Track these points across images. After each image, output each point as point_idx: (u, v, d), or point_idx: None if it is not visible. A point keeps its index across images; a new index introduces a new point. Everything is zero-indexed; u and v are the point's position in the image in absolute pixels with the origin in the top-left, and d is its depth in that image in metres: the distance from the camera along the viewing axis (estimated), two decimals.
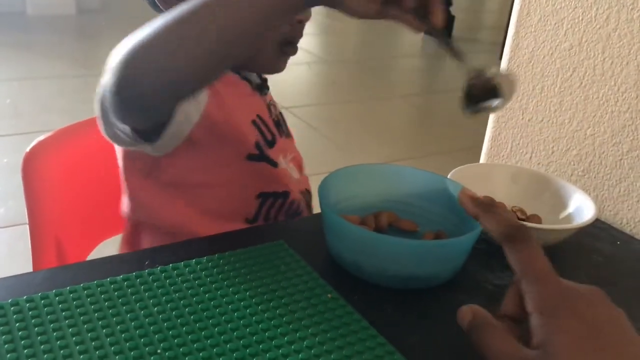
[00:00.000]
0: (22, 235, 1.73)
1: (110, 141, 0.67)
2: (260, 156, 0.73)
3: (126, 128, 0.62)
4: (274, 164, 0.74)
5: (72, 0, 4.09)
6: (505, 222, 0.46)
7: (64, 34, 3.81)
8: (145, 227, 0.76)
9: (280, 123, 0.80)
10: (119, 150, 0.74)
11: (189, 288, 0.54)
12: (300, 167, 0.83)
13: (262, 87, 0.79)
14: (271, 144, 0.75)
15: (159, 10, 0.71)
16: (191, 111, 0.66)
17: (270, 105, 0.79)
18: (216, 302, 0.53)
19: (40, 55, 3.37)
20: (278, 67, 0.75)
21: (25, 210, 0.82)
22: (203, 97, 0.67)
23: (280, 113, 0.83)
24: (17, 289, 0.53)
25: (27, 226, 0.82)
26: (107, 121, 0.63)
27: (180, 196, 0.72)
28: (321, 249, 0.64)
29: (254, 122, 0.74)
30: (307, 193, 0.82)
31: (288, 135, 0.82)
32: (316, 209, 0.66)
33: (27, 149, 0.82)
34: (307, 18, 0.72)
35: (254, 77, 0.78)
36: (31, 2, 4.00)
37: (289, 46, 0.74)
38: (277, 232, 0.67)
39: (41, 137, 0.84)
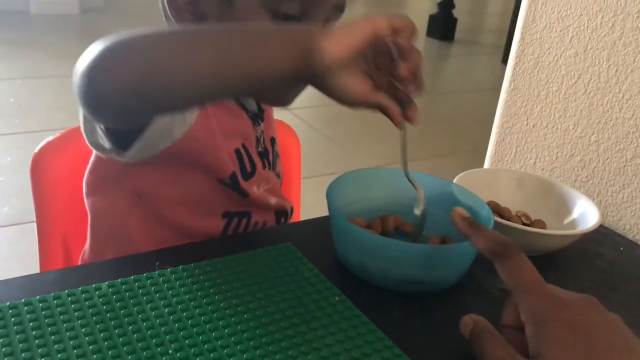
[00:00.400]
0: (25, 234, 1.74)
1: (90, 146, 0.65)
2: (232, 186, 0.71)
3: (102, 128, 0.60)
4: (244, 195, 0.72)
5: None
6: (493, 239, 0.48)
7: (67, 32, 3.82)
8: (102, 236, 0.73)
9: (267, 154, 0.78)
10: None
11: (199, 289, 0.55)
12: (276, 195, 0.79)
13: (257, 118, 0.76)
14: (249, 175, 0.73)
15: (171, 22, 0.68)
16: (175, 128, 0.64)
17: (261, 137, 0.77)
18: (226, 303, 0.53)
19: (43, 54, 3.37)
20: (284, 100, 0.71)
21: (29, 209, 0.82)
22: (191, 117, 0.65)
23: (273, 141, 0.80)
24: (29, 289, 0.54)
25: (31, 225, 0.83)
26: (89, 127, 0.62)
27: (140, 207, 0.69)
28: (329, 251, 0.64)
29: (237, 150, 0.72)
30: (290, 211, 0.80)
31: (271, 167, 0.79)
32: (324, 212, 0.66)
33: (36, 150, 0.83)
34: None
35: (253, 105, 0.75)
36: (35, 0, 4.01)
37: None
38: (285, 234, 0.68)
39: (50, 138, 0.84)
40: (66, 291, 0.53)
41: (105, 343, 0.47)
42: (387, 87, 0.53)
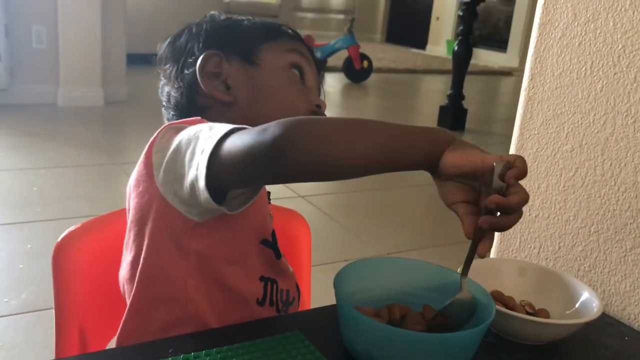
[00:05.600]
0: (41, 321, 1.76)
1: (165, 193, 0.67)
2: (271, 244, 0.77)
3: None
4: (279, 255, 0.78)
5: (100, 92, 4.30)
6: None
7: (91, 124, 3.98)
8: (148, 303, 0.73)
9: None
10: (147, 208, 0.71)
11: None
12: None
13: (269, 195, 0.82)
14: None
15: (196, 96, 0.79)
16: None
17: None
18: None
19: (68, 144, 3.51)
20: None
21: (46, 296, 0.84)
22: None
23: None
24: None
25: (47, 312, 0.85)
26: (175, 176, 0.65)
27: (199, 268, 0.71)
28: (336, 339, 0.66)
29: (270, 215, 0.80)
30: (297, 286, 0.84)
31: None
32: (331, 299, 0.69)
33: (59, 238, 0.87)
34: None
35: None
36: (62, 94, 4.22)
37: None
38: (295, 322, 0.70)
39: (72, 227, 0.89)
40: None
41: None
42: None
